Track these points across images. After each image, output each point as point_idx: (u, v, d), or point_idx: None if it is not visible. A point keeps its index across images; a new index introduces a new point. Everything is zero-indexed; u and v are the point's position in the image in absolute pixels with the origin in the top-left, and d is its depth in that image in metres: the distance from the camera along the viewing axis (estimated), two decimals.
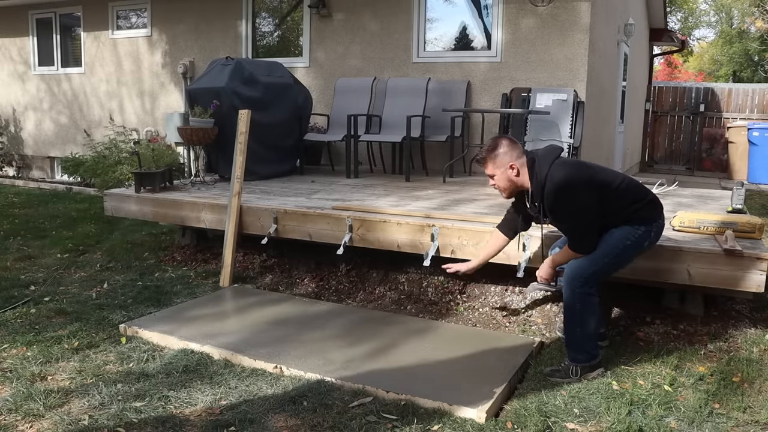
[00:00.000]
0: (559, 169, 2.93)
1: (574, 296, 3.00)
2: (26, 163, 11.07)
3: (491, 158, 3.07)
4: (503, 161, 3.05)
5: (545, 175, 2.94)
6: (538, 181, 2.98)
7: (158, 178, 5.32)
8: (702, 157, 12.59)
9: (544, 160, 2.99)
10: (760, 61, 27.07)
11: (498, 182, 3.12)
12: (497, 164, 3.06)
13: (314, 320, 3.80)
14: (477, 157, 3.16)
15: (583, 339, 3.06)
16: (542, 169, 2.96)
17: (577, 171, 2.96)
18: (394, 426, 2.59)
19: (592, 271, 2.99)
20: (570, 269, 3.03)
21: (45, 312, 4.00)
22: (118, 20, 9.66)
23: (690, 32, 29.61)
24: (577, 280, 2.99)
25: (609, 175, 3.05)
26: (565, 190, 2.90)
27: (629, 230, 2.99)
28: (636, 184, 3.10)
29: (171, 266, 5.11)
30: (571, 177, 2.91)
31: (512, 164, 3.04)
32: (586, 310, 3.02)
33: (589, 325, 3.04)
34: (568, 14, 6.67)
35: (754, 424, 2.64)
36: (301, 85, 6.95)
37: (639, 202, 3.02)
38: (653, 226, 3.05)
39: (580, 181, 2.92)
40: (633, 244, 3.01)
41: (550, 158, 2.99)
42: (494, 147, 3.08)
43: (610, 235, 3.00)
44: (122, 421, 2.62)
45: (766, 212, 6.64)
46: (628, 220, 3.00)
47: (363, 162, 7.22)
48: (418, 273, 4.45)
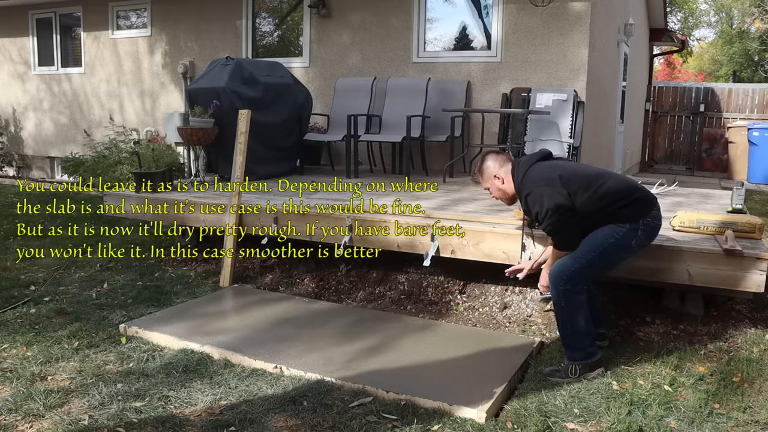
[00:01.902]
0: (530, 178, 3.11)
1: (559, 294, 3.05)
2: (26, 163, 11.07)
3: (480, 174, 3.37)
4: (489, 173, 3.31)
5: (520, 180, 3.16)
6: (517, 187, 3.20)
7: (158, 178, 5.32)
8: (702, 157, 12.60)
9: (522, 167, 3.19)
10: (760, 61, 27.08)
11: (492, 193, 3.37)
12: (485, 177, 3.34)
13: (314, 320, 3.80)
14: (472, 178, 3.45)
15: (575, 337, 3.07)
16: (518, 176, 3.18)
17: (545, 180, 3.06)
18: (394, 426, 2.59)
19: (575, 268, 3.02)
20: (554, 268, 3.09)
21: (45, 312, 4.00)
22: (118, 20, 9.66)
23: (690, 32, 29.60)
24: (561, 278, 3.03)
25: (588, 179, 3.06)
26: (532, 195, 3.07)
27: (612, 228, 3.03)
28: (621, 183, 3.10)
29: (171, 266, 5.11)
30: (539, 187, 3.05)
31: (496, 174, 3.28)
32: (573, 308, 3.04)
33: (579, 323, 3.05)
34: (568, 14, 6.68)
35: (754, 424, 2.64)
36: (301, 85, 6.95)
37: (621, 201, 3.03)
38: (639, 224, 3.04)
39: (548, 191, 3.01)
40: (617, 242, 3.02)
41: (528, 164, 3.18)
42: (482, 162, 3.36)
43: (594, 234, 3.05)
44: (122, 421, 2.62)
45: (766, 212, 6.63)
46: (610, 219, 3.03)
47: (363, 162, 7.22)
48: (418, 273, 4.46)
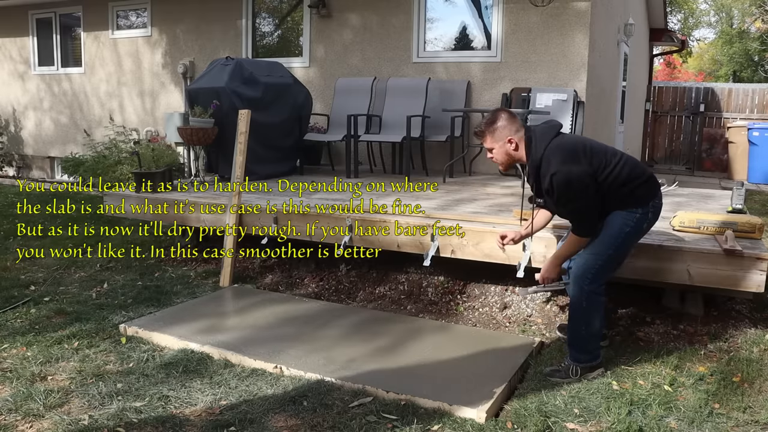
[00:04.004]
0: (555, 155, 2.89)
1: (582, 294, 2.99)
2: (26, 163, 11.07)
3: (490, 132, 3.05)
4: (502, 135, 3.03)
5: (540, 156, 2.92)
6: (534, 161, 2.96)
7: (158, 178, 5.32)
8: (702, 157, 12.59)
9: (541, 140, 2.96)
10: (760, 61, 27.07)
11: (496, 156, 3.09)
12: (496, 138, 3.04)
13: (314, 320, 3.80)
14: (476, 131, 3.12)
15: (587, 339, 3.06)
16: (538, 149, 2.94)
17: (572, 159, 2.88)
18: (394, 426, 2.59)
19: (599, 265, 2.97)
20: (577, 267, 3.02)
21: (45, 312, 4.00)
22: (118, 20, 9.66)
23: (690, 32, 29.60)
24: (586, 277, 2.98)
25: (607, 156, 2.96)
26: (561, 180, 2.86)
27: (624, 218, 2.96)
28: (634, 163, 3.03)
29: (171, 266, 5.11)
30: (566, 165, 2.86)
31: (510, 138, 3.02)
32: (593, 310, 3.01)
33: (594, 325, 3.04)
34: (568, 14, 6.68)
35: (754, 424, 2.64)
36: (301, 84, 6.95)
37: (637, 179, 2.97)
38: (650, 207, 3.00)
39: (576, 170, 2.86)
40: (633, 230, 2.99)
41: (548, 138, 2.96)
42: (493, 120, 3.05)
43: (610, 226, 2.97)
44: (122, 421, 2.62)
45: (766, 212, 6.63)
46: (625, 202, 2.95)
47: (363, 162, 7.22)
48: (418, 273, 4.45)
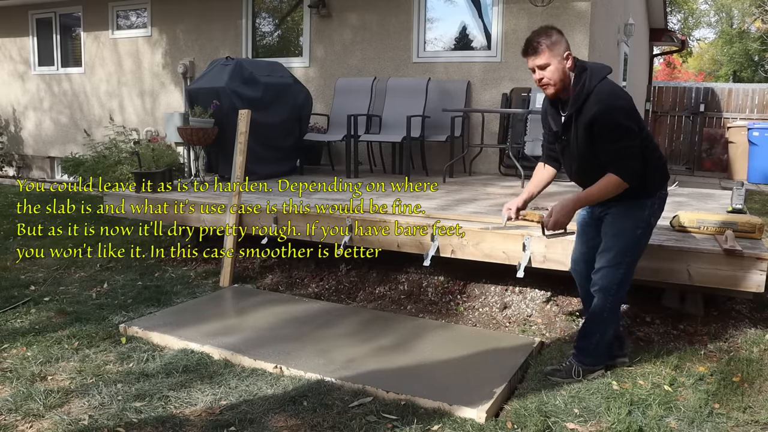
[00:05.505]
0: (609, 91, 2.73)
1: (606, 305, 2.96)
2: (26, 163, 11.07)
3: (549, 44, 2.75)
4: (561, 50, 2.77)
5: (593, 87, 2.72)
6: (583, 91, 2.74)
7: (158, 178, 5.32)
8: (702, 157, 12.58)
9: (596, 73, 2.77)
10: (760, 61, 27.10)
11: (551, 75, 2.78)
12: (555, 53, 2.75)
13: (314, 320, 3.80)
14: (531, 44, 2.78)
15: (599, 345, 3.06)
16: (592, 81, 2.73)
17: (626, 99, 2.77)
18: (394, 426, 2.59)
19: (621, 273, 2.93)
20: (600, 279, 2.95)
21: (45, 312, 4.00)
22: (118, 20, 9.66)
23: (690, 32, 29.60)
24: (611, 288, 2.93)
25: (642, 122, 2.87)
26: (618, 112, 2.71)
27: (634, 221, 2.88)
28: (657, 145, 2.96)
29: (171, 266, 5.11)
30: (623, 100, 2.75)
31: (569, 54, 2.78)
32: (612, 319, 3.03)
33: (609, 333, 3.06)
34: (568, 14, 6.68)
35: (754, 424, 2.64)
36: (301, 84, 6.95)
37: (657, 161, 2.89)
38: (656, 197, 2.93)
39: (630, 107, 2.76)
40: (644, 231, 2.95)
41: (602, 74, 2.78)
42: (550, 34, 2.78)
43: (620, 233, 2.90)
44: (122, 421, 2.62)
45: (766, 212, 6.63)
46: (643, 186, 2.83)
47: (363, 162, 7.22)
48: (418, 273, 4.45)
